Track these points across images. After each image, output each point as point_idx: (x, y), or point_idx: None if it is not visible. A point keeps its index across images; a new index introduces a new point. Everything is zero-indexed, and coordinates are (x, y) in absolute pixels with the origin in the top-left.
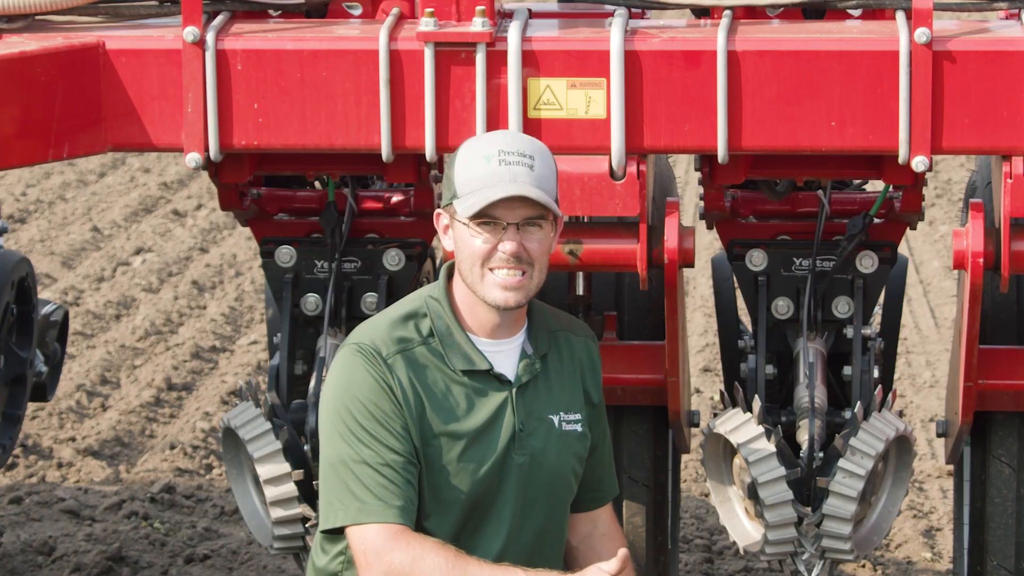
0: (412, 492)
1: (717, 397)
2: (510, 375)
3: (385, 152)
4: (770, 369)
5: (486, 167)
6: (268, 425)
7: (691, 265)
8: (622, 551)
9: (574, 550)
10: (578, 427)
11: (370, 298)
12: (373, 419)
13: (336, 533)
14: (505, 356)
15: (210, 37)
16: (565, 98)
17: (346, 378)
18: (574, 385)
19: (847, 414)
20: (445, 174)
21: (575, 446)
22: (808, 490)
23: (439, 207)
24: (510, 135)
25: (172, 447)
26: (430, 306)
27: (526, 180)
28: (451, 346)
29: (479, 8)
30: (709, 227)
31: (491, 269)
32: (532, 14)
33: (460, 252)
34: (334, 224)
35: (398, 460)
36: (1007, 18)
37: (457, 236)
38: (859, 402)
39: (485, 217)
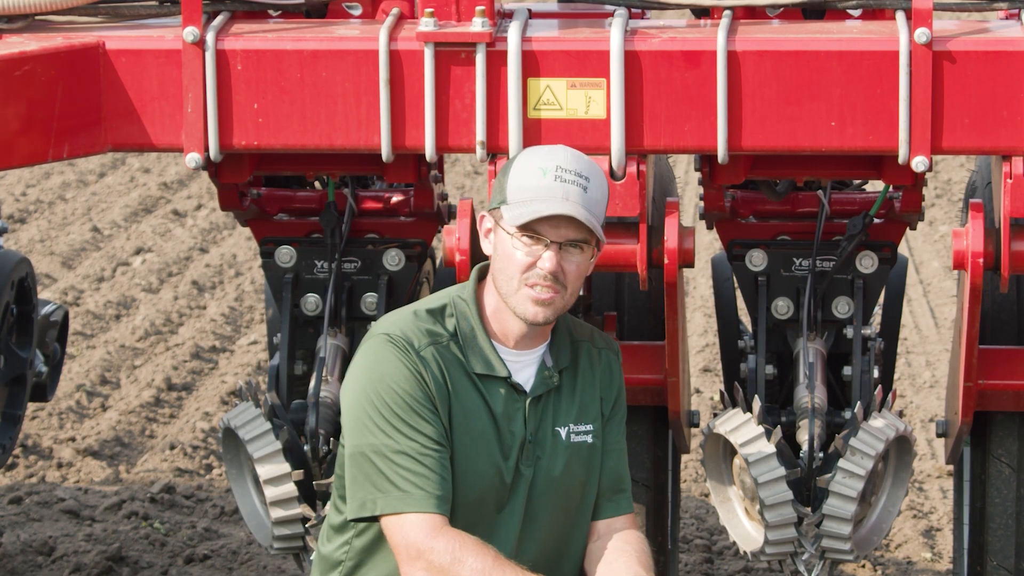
0: (449, 484)
1: (717, 397)
2: (526, 386)
3: (385, 152)
4: (770, 369)
5: (541, 180)
6: (268, 425)
7: (691, 265)
8: None
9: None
10: (588, 438)
11: (370, 298)
12: (410, 409)
13: (352, 522)
14: (524, 366)
15: (210, 37)
16: (565, 98)
17: (378, 368)
18: (589, 397)
19: (847, 414)
20: (497, 178)
21: (583, 457)
22: (808, 490)
23: (484, 209)
24: (572, 153)
25: (172, 447)
26: (457, 306)
27: (577, 201)
28: (473, 349)
29: (479, 8)
30: (709, 227)
31: (527, 283)
32: (532, 14)
33: (498, 260)
34: (334, 224)
35: (437, 450)
36: (1007, 18)
37: (498, 242)
38: (859, 402)
39: (530, 231)
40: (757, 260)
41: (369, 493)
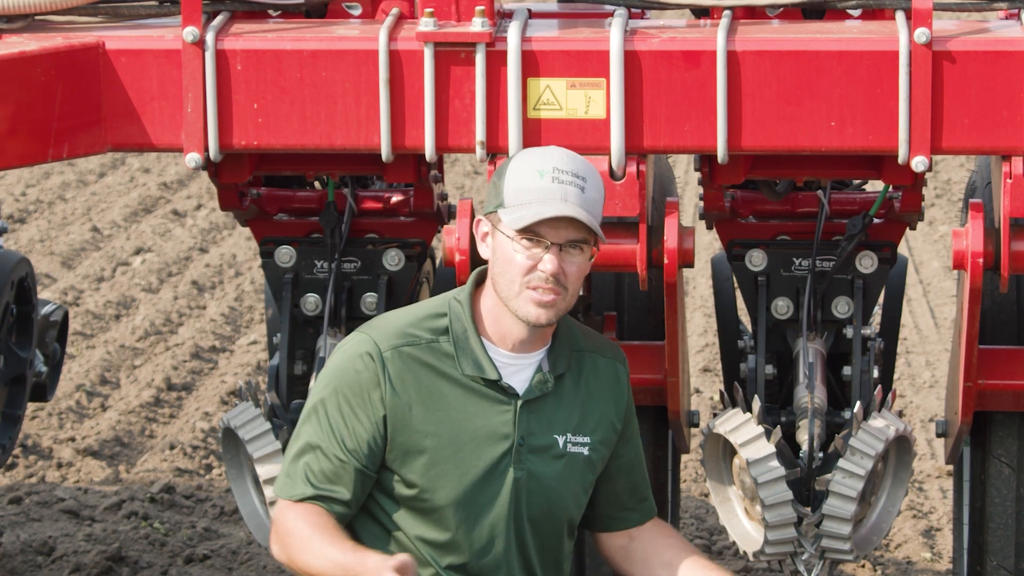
0: (345, 490)
1: (717, 397)
2: (520, 389)
3: (385, 152)
4: (770, 369)
5: (539, 182)
6: (268, 425)
7: (691, 265)
8: None
9: (620, 555)
10: (585, 450)
11: (370, 298)
12: (343, 411)
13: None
14: (520, 370)
15: (210, 37)
16: (565, 98)
17: (340, 364)
18: (590, 408)
19: (847, 414)
20: (492, 182)
21: (579, 468)
22: (808, 490)
23: (480, 214)
24: (566, 154)
25: (172, 447)
26: (452, 307)
27: (576, 201)
28: (463, 349)
29: (479, 8)
30: (709, 227)
31: (528, 285)
32: (532, 14)
33: (498, 263)
34: (334, 224)
35: (348, 455)
36: (1007, 18)
37: (497, 246)
38: (859, 402)
39: (530, 233)
40: (757, 260)
41: (280, 474)
